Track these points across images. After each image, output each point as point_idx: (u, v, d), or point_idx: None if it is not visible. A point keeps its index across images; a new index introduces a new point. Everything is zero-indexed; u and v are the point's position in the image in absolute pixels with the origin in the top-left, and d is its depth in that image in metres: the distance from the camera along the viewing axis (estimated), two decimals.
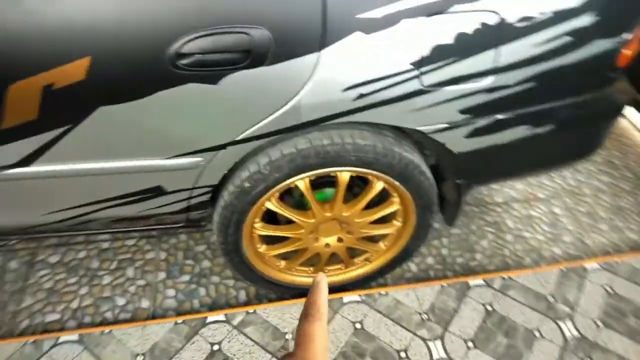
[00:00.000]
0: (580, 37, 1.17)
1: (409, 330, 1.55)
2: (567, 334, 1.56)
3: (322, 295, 0.49)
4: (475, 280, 1.72)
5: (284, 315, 1.58)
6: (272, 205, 1.36)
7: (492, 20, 1.10)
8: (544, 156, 1.48)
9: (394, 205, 1.45)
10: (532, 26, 1.12)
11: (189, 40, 0.99)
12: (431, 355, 1.48)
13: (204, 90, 1.05)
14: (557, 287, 1.71)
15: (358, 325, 1.56)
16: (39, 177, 1.15)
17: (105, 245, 1.92)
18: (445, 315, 1.60)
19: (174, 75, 1.02)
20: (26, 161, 1.11)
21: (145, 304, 1.71)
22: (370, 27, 1.05)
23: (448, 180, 1.49)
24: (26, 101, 1.00)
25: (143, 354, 1.46)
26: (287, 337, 1.52)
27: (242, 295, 1.75)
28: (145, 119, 1.08)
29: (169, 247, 1.92)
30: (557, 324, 1.58)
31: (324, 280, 0.50)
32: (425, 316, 1.59)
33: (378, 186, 1.38)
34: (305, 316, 0.47)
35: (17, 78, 0.97)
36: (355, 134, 1.24)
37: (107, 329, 1.53)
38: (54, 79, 0.98)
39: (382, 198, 1.45)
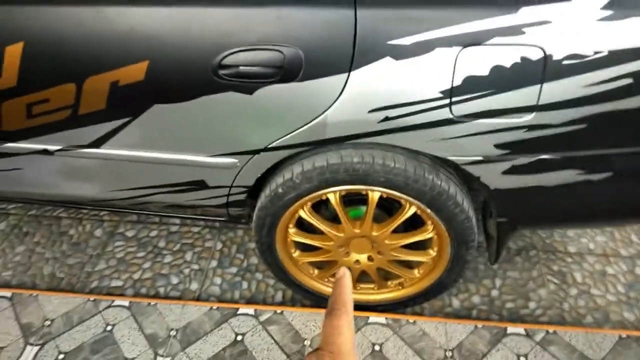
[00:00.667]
0: None
1: None
2: None
3: (346, 290, 0.50)
4: (515, 328, 1.60)
5: (308, 322, 1.63)
6: (305, 213, 1.43)
7: (535, 55, 1.05)
8: (601, 207, 1.34)
9: (427, 233, 1.43)
10: (584, 65, 1.05)
11: (231, 54, 1.11)
12: None
13: (241, 99, 1.16)
14: (610, 355, 1.52)
15: (377, 347, 1.55)
16: (106, 159, 1.36)
17: (174, 228, 2.15)
18: (472, 357, 1.52)
19: (216, 83, 1.14)
20: (96, 143, 1.32)
21: (194, 286, 1.88)
22: (401, 53, 1.07)
23: (489, 218, 1.43)
24: (97, 93, 1.20)
25: (176, 330, 1.62)
26: (305, 342, 1.57)
27: (279, 296, 1.83)
28: (191, 119, 1.22)
29: (226, 239, 2.08)
30: None
31: (346, 275, 0.51)
32: (449, 353, 1.53)
33: (410, 211, 1.37)
34: (331, 311, 0.47)
35: (92, 73, 1.18)
36: (387, 155, 1.26)
37: (153, 302, 1.71)
38: (119, 77, 1.17)
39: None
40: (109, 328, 1.62)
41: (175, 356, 1.54)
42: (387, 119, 1.15)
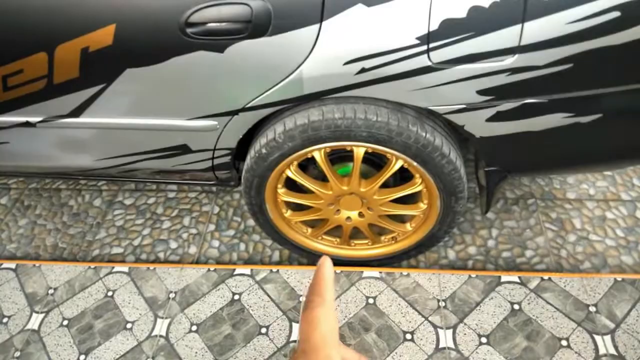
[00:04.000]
0: (632, 13, 1.00)
1: (421, 314, 1.52)
2: (602, 350, 1.39)
3: (325, 279, 0.46)
4: (508, 277, 1.60)
5: (303, 279, 1.65)
6: (291, 173, 1.42)
7: None
8: (593, 150, 1.30)
9: (415, 187, 1.41)
10: (567, 0, 0.99)
11: (197, 11, 1.07)
12: (438, 343, 1.45)
13: (212, 58, 1.13)
14: (605, 299, 1.52)
15: (371, 300, 1.57)
16: (87, 127, 1.35)
17: (172, 194, 2.16)
18: (465, 306, 1.53)
19: (185, 42, 1.11)
20: (75, 113, 1.31)
21: (192, 250, 1.91)
22: None
23: (479, 167, 1.40)
24: (69, 61, 1.18)
25: (175, 292, 1.65)
26: (300, 299, 1.60)
27: (276, 256, 1.86)
28: (165, 82, 1.20)
29: (223, 203, 2.09)
30: (592, 337, 1.42)
31: (326, 263, 0.48)
32: (442, 303, 1.54)
33: (396, 165, 1.35)
34: (307, 304, 0.45)
35: (61, 40, 1.15)
36: (369, 109, 1.22)
37: (152, 266, 1.75)
38: (88, 42, 1.14)
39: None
40: (109, 294, 1.67)
41: (175, 317, 1.58)
42: (363, 70, 1.11)
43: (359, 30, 1.06)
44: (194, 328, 1.55)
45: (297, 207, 1.58)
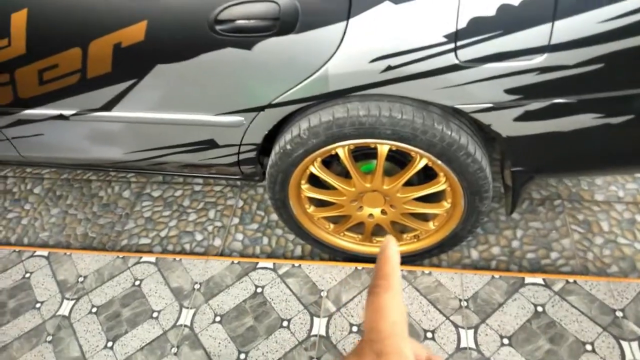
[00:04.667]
0: None
1: (442, 313, 1.51)
2: (629, 356, 1.37)
3: (390, 262, 0.41)
4: (533, 278, 1.58)
5: (324, 274, 1.67)
6: (315, 169, 1.43)
7: None
8: (623, 152, 1.27)
9: (439, 185, 1.41)
10: None
11: (226, 8, 1.09)
12: (459, 343, 1.44)
13: (240, 54, 1.15)
14: (633, 304, 1.49)
15: None
16: (118, 121, 1.39)
17: (198, 187, 2.20)
18: (487, 307, 1.52)
19: (214, 39, 1.13)
20: (107, 106, 1.35)
21: (217, 242, 1.95)
22: None
23: (505, 167, 1.39)
24: (102, 56, 1.22)
25: (200, 283, 1.69)
26: (322, 294, 1.61)
27: (298, 250, 1.88)
28: (194, 78, 1.23)
29: (247, 197, 2.12)
30: (618, 342, 1.40)
31: (390, 244, 0.43)
32: (464, 303, 1.54)
33: (420, 163, 1.35)
34: (372, 288, 0.41)
35: (94, 36, 1.19)
36: (395, 107, 1.23)
37: (178, 257, 1.79)
38: (121, 38, 1.18)
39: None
40: (137, 283, 1.72)
41: (199, 307, 1.62)
42: (389, 68, 1.11)
43: (386, 28, 1.06)
44: (218, 319, 1.59)
45: (320, 203, 1.60)
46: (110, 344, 1.56)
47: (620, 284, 1.54)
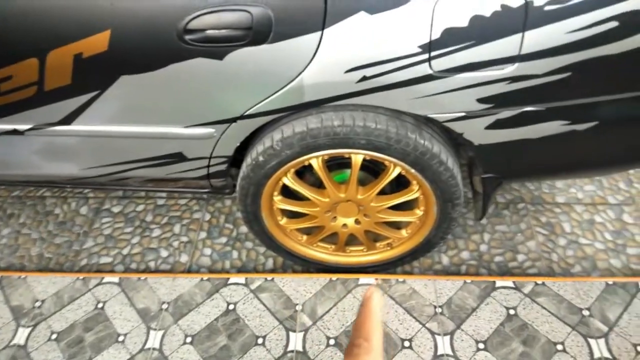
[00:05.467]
0: (630, 22, 1.02)
1: (418, 321, 1.52)
2: (596, 354, 1.41)
3: (373, 318, 0.38)
4: (503, 282, 1.62)
5: (299, 287, 1.63)
6: (288, 180, 1.40)
7: (515, 2, 1.00)
8: (588, 156, 1.32)
9: (412, 194, 1.41)
10: (566, 10, 1.01)
11: (195, 17, 1.05)
12: (436, 350, 1.44)
13: (211, 65, 1.11)
14: (598, 302, 1.54)
15: None
16: (78, 135, 1.31)
17: (161, 201, 2.12)
18: (461, 312, 1.54)
19: (184, 49, 1.09)
20: (66, 120, 1.27)
21: (184, 258, 1.87)
22: (375, 7, 1.02)
23: (475, 174, 1.41)
24: (61, 68, 1.14)
25: (168, 303, 1.62)
26: (297, 308, 1.58)
27: (270, 264, 1.83)
28: (161, 90, 1.17)
29: (214, 210, 2.06)
30: (586, 340, 1.44)
31: (374, 295, 0.39)
32: (439, 310, 1.55)
33: (394, 172, 1.35)
34: (351, 347, 0.37)
35: (53, 46, 1.11)
36: (369, 117, 1.22)
37: (143, 276, 1.70)
38: (82, 48, 1.11)
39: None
40: (100, 305, 1.62)
41: (168, 329, 1.55)
42: (364, 78, 1.10)
43: (361, 38, 1.06)
44: (189, 340, 1.52)
45: (293, 215, 1.57)
46: None
47: (585, 284, 1.60)
